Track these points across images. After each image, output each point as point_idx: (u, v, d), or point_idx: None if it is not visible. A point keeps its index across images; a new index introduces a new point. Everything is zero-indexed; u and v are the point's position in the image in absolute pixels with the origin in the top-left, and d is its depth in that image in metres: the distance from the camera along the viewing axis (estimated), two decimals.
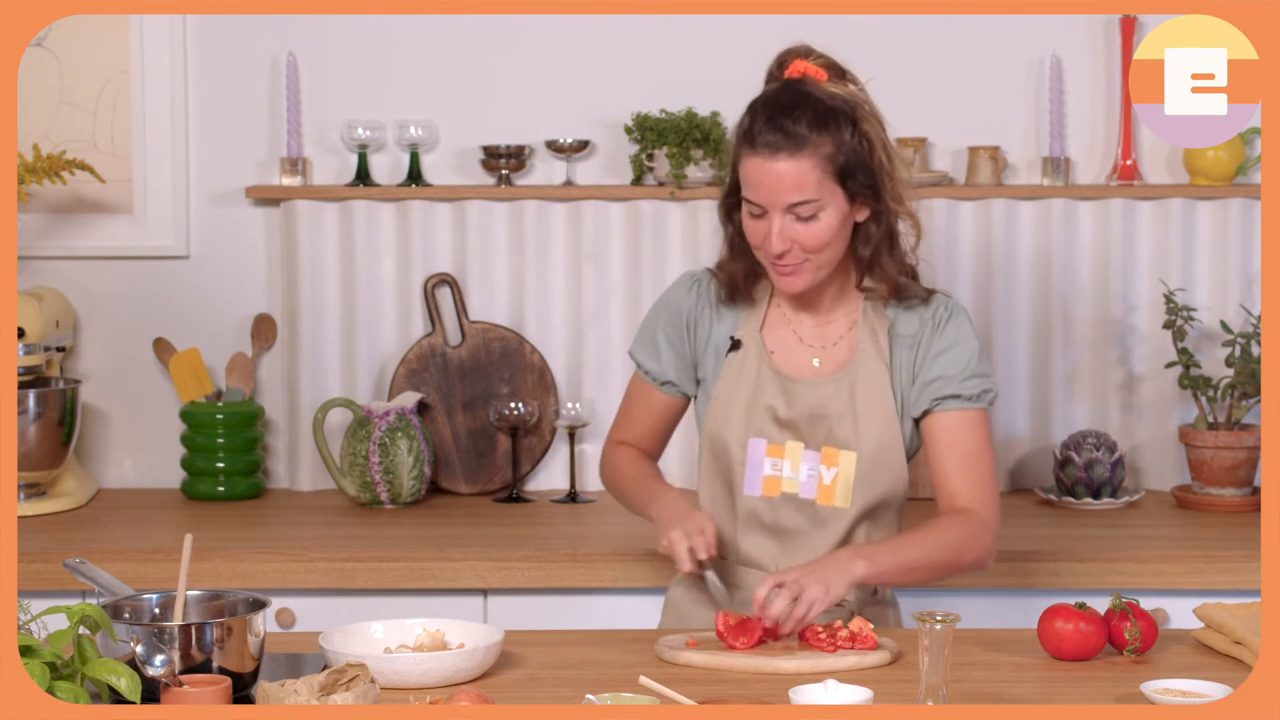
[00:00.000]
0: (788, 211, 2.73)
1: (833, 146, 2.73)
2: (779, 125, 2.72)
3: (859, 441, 2.81)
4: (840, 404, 2.82)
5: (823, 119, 2.73)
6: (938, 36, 4.02)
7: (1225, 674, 2.48)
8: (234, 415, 3.94)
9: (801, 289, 2.80)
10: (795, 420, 2.83)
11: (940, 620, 2.23)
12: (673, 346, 2.94)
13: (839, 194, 2.74)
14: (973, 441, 2.83)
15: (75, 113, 4.03)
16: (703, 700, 2.29)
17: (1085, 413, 4.02)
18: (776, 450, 2.84)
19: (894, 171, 2.79)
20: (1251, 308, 3.95)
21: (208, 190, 4.07)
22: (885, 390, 2.83)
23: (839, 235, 2.77)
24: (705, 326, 2.91)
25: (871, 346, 2.84)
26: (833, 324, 2.87)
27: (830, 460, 2.82)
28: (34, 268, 4.03)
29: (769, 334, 2.88)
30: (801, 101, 2.75)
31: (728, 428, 2.86)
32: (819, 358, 2.86)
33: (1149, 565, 3.42)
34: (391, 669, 2.45)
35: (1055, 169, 3.99)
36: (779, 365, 2.86)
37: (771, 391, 2.84)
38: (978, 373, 2.84)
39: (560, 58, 4.04)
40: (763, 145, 2.72)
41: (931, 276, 3.97)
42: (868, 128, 2.77)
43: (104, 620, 2.26)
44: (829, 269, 2.80)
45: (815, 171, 2.72)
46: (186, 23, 4.03)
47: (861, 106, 2.79)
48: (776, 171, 2.72)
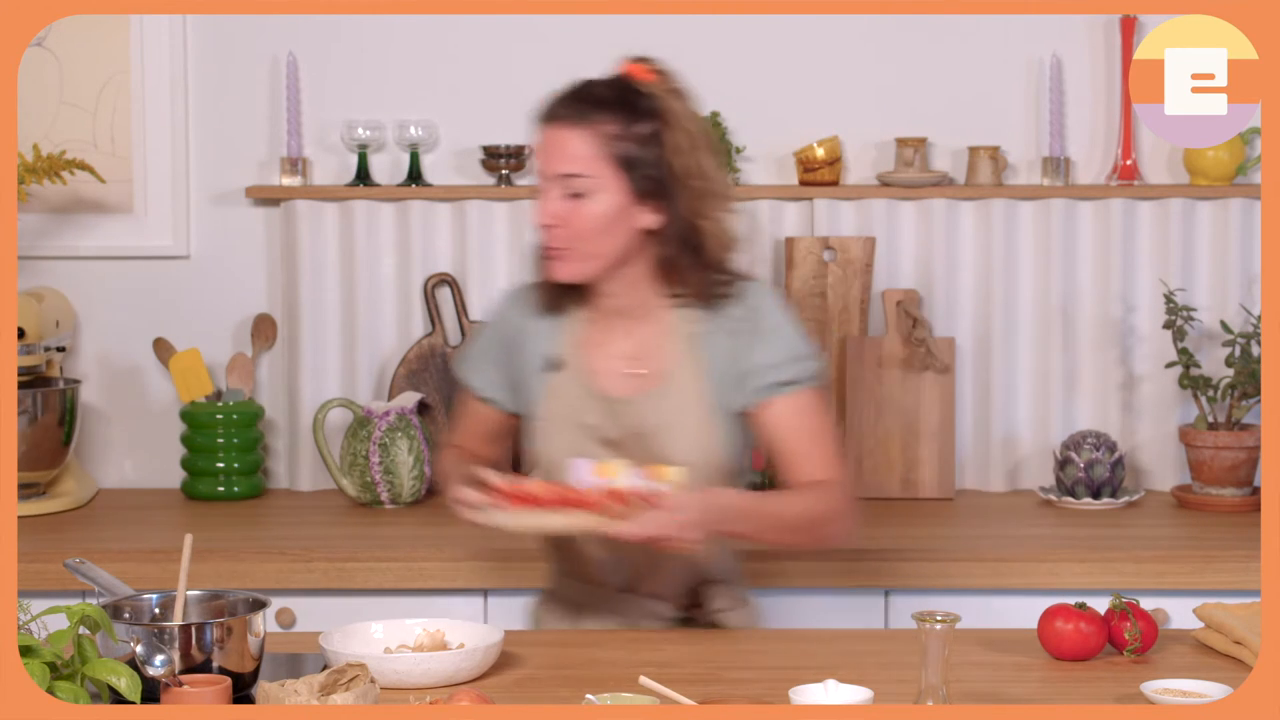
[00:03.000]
0: (560, 184, 2.71)
1: (618, 129, 2.70)
2: (571, 98, 2.74)
3: (684, 456, 2.76)
4: (659, 419, 2.77)
5: (615, 101, 2.72)
6: (938, 36, 4.02)
7: (1225, 674, 2.48)
8: (234, 415, 3.94)
9: (565, 277, 2.76)
10: (619, 440, 2.79)
11: (940, 620, 2.23)
12: (496, 364, 2.92)
13: (618, 182, 2.71)
14: (813, 422, 2.79)
15: (75, 113, 4.03)
16: (703, 700, 2.29)
17: (1085, 413, 4.02)
18: (603, 469, 2.77)
19: (697, 183, 2.75)
20: (1251, 308, 3.95)
21: (208, 190, 4.08)
22: (702, 396, 2.78)
23: (611, 228, 2.72)
24: (527, 344, 2.87)
25: (686, 356, 2.79)
26: (647, 336, 2.81)
27: (657, 476, 2.75)
28: (34, 268, 4.03)
29: (588, 351, 2.83)
30: (602, 83, 2.76)
31: (554, 448, 2.82)
32: (636, 371, 2.81)
33: (1149, 565, 3.42)
34: (391, 669, 2.45)
35: (1055, 169, 3.99)
36: (598, 384, 2.81)
37: (592, 411, 2.80)
38: (801, 355, 2.79)
39: (560, 58, 4.03)
40: (552, 117, 2.74)
41: (932, 276, 4.00)
42: (671, 133, 2.73)
43: (104, 620, 2.26)
44: (599, 264, 2.75)
45: (592, 146, 2.70)
46: (186, 23, 4.04)
47: (674, 113, 2.75)
48: (556, 139, 2.72)
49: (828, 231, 4.01)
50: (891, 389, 3.96)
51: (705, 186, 2.76)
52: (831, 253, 3.98)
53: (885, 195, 4.00)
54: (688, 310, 2.80)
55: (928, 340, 3.93)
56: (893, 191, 3.99)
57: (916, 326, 3.94)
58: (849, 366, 3.96)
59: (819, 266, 3.98)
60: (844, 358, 3.97)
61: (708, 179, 2.77)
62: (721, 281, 2.80)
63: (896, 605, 3.44)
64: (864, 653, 2.66)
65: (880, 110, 4.04)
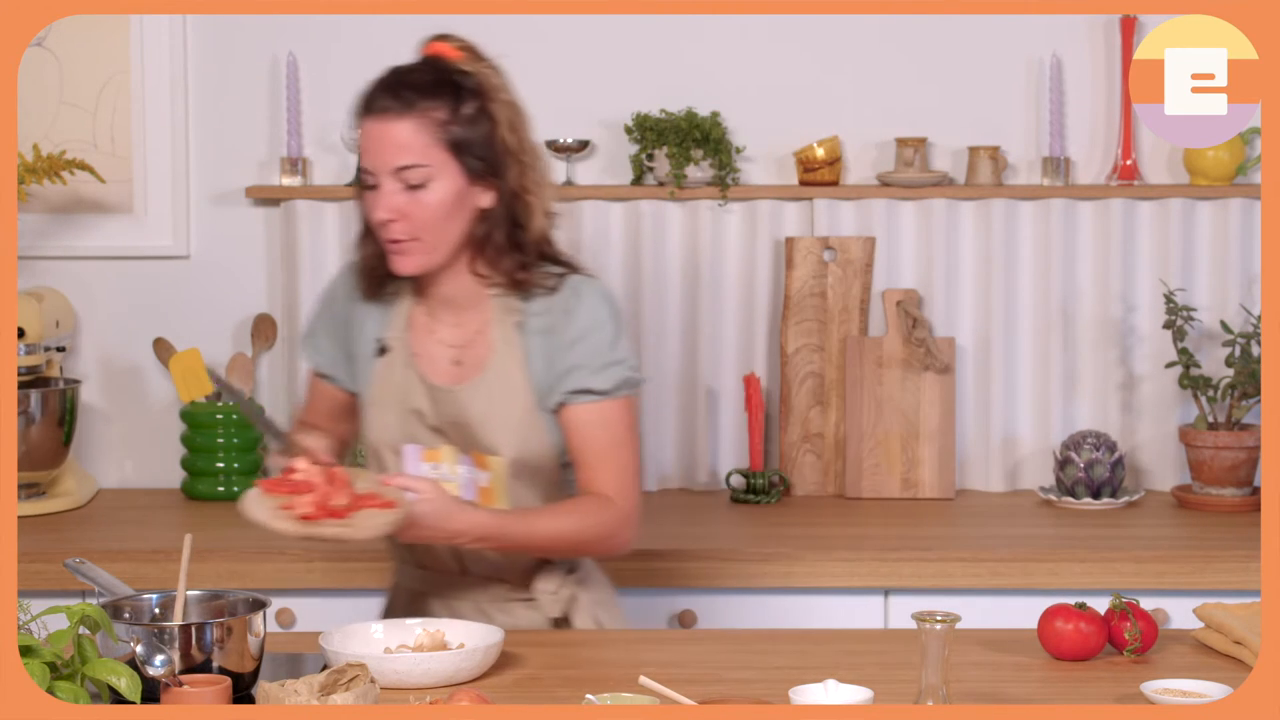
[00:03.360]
0: (396, 177, 2.68)
1: (446, 114, 2.68)
2: (391, 89, 2.69)
3: (502, 446, 2.75)
4: (479, 409, 2.75)
5: (438, 86, 2.69)
6: (938, 36, 4.02)
7: (1225, 674, 2.48)
8: (234, 415, 3.94)
9: (414, 270, 2.73)
10: (442, 426, 2.78)
11: (940, 620, 2.23)
12: (333, 339, 2.90)
13: (453, 166, 2.68)
14: (610, 435, 2.75)
15: (75, 113, 4.03)
16: (703, 700, 2.29)
17: (1085, 413, 4.02)
18: (433, 454, 2.78)
19: (524, 157, 2.73)
20: (1251, 308, 3.95)
21: (208, 190, 4.08)
22: (523, 389, 2.75)
23: (453, 214, 2.70)
24: (357, 324, 2.86)
25: (505, 345, 2.76)
26: (469, 324, 2.79)
27: (482, 464, 2.76)
28: (34, 268, 4.03)
29: (414, 336, 2.82)
30: (419, 69, 2.73)
31: (383, 434, 2.81)
32: (459, 359, 2.79)
33: (1149, 565, 3.42)
34: (391, 669, 2.45)
35: (1055, 169, 3.99)
36: (423, 370, 2.80)
37: (418, 397, 2.79)
38: (613, 361, 2.75)
39: (560, 58, 4.04)
40: (376, 109, 2.69)
41: (931, 276, 4.00)
42: (495, 108, 2.71)
43: (104, 620, 2.26)
44: (445, 252, 2.72)
45: (424, 135, 2.67)
46: (186, 23, 4.04)
47: (493, 89, 2.73)
48: (385, 132, 2.67)
49: (828, 231, 4.01)
50: (891, 389, 3.96)
51: (530, 159, 2.74)
52: (831, 253, 3.99)
53: (885, 195, 4.00)
54: (511, 300, 2.77)
55: (928, 340, 3.93)
56: (893, 191, 3.99)
57: (916, 326, 3.94)
58: (849, 366, 3.96)
59: (819, 266, 3.98)
60: (844, 358, 3.97)
61: (530, 151, 2.75)
62: (547, 272, 2.77)
63: (896, 605, 3.44)
64: (864, 653, 2.66)
65: (880, 110, 4.04)
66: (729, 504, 3.91)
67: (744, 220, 4.01)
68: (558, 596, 2.84)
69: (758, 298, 4.03)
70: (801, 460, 3.99)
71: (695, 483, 4.04)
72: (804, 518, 3.79)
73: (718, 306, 4.03)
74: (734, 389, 4.03)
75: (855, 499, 3.94)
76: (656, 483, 4.04)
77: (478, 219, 2.73)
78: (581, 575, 2.88)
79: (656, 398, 4.02)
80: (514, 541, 2.71)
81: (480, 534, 2.67)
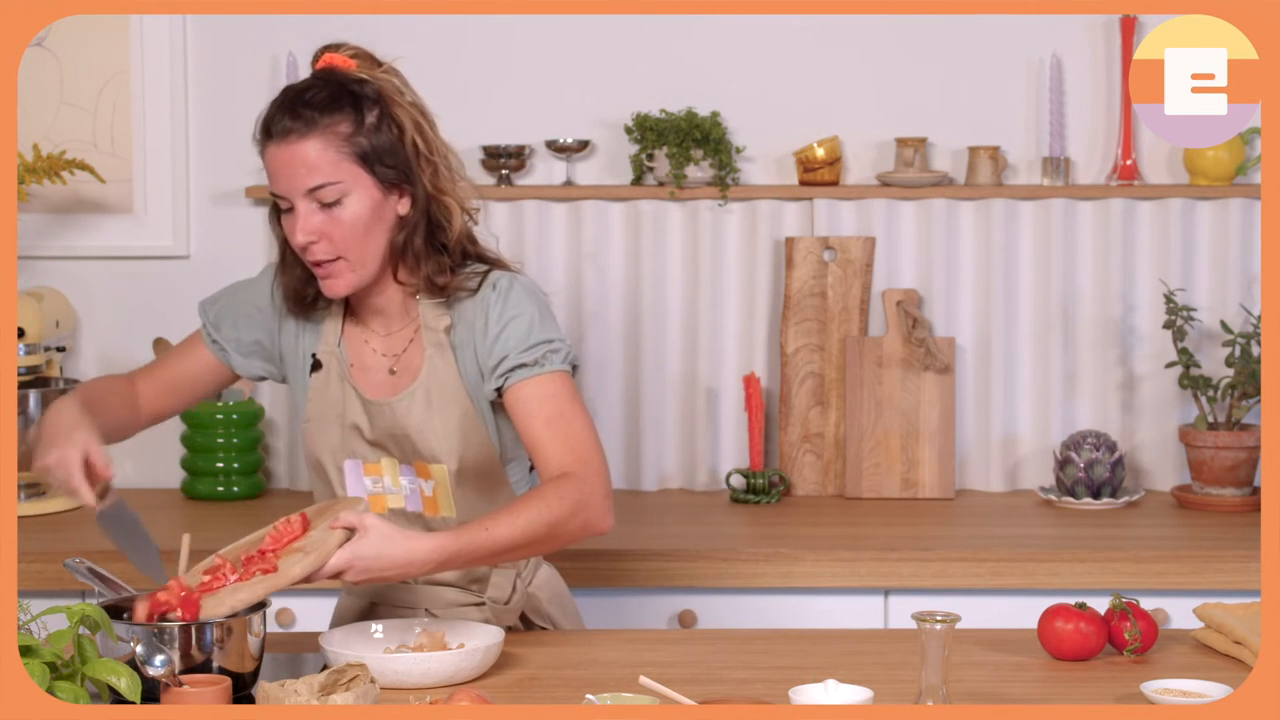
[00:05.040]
0: (310, 198, 2.64)
1: (350, 127, 2.64)
2: (290, 109, 2.65)
3: (443, 453, 2.72)
4: (416, 419, 2.72)
5: (337, 99, 2.65)
6: (938, 36, 4.02)
7: (1225, 674, 2.48)
8: (235, 415, 3.94)
9: (344, 291, 2.69)
10: (380, 440, 2.75)
11: (940, 620, 2.23)
12: (246, 327, 2.85)
13: (365, 179, 2.65)
14: (554, 406, 2.68)
15: (75, 113, 4.03)
16: (703, 700, 2.29)
17: (1085, 413, 4.02)
18: (373, 469, 2.76)
19: (434, 158, 2.70)
20: (1251, 308, 3.95)
21: (208, 190, 4.08)
22: (458, 393, 2.72)
23: (372, 226, 2.66)
24: (289, 334, 2.83)
25: (436, 351, 2.73)
26: (402, 332, 2.76)
27: (424, 473, 2.74)
28: (34, 268, 4.03)
29: (349, 348, 2.78)
30: (315, 85, 2.68)
31: (323, 449, 2.78)
32: (393, 369, 2.76)
33: (1149, 565, 3.42)
34: (391, 669, 2.45)
35: (1055, 169, 3.99)
36: (358, 384, 2.77)
37: (355, 411, 2.76)
38: (540, 339, 2.70)
39: (560, 58, 4.05)
40: (277, 133, 2.65)
41: (931, 276, 4.00)
42: (398, 113, 2.68)
43: (104, 620, 2.26)
44: (371, 268, 2.69)
45: (331, 151, 2.63)
46: (186, 23, 4.04)
47: (393, 93, 2.70)
48: (291, 155, 2.63)
49: (828, 231, 4.01)
50: (891, 389, 3.96)
51: (441, 160, 2.72)
52: (831, 253, 3.99)
53: (885, 195, 4.00)
54: (435, 305, 2.74)
55: (928, 340, 3.93)
56: (893, 191, 3.99)
57: (916, 326, 3.94)
58: (849, 366, 3.96)
59: (819, 266, 3.98)
60: (844, 358, 3.97)
61: (440, 151, 2.73)
62: (470, 272, 2.74)
63: (896, 605, 3.44)
64: (864, 653, 2.66)
65: (880, 110, 4.04)
66: (729, 504, 3.91)
67: (744, 220, 4.01)
68: (510, 602, 2.80)
69: (758, 298, 4.03)
70: (801, 460, 3.99)
71: (695, 483, 4.04)
72: (804, 518, 3.79)
73: (718, 306, 4.03)
74: (734, 389, 4.03)
75: (855, 499, 3.94)
76: (656, 483, 4.04)
77: (397, 227, 2.70)
78: (531, 576, 2.85)
79: (656, 398, 4.02)
80: (479, 553, 2.57)
81: (441, 559, 2.53)
